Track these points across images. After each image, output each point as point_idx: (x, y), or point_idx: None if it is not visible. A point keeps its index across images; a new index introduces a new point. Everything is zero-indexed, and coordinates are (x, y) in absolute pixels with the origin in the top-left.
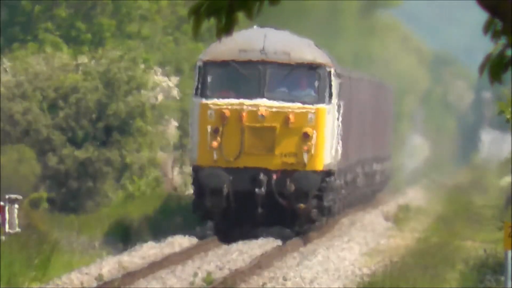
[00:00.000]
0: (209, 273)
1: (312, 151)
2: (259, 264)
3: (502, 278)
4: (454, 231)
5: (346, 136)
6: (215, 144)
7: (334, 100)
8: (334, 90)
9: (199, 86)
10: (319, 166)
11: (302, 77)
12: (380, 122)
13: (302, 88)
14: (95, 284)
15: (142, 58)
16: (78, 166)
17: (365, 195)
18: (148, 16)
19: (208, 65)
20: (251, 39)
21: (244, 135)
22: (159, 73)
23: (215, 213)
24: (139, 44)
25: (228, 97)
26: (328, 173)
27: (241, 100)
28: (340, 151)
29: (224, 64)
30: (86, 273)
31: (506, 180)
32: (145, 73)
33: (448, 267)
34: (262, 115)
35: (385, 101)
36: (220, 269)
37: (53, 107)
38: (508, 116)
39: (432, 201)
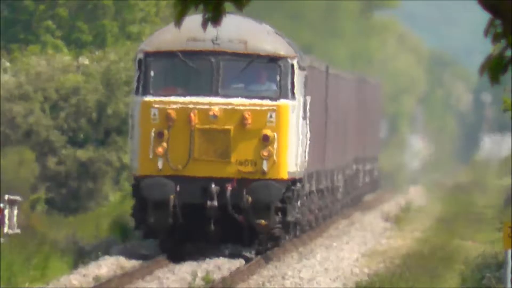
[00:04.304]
0: (208, 273)
1: (274, 157)
2: (258, 263)
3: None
4: (454, 231)
5: (320, 136)
6: (160, 150)
7: (299, 95)
8: (298, 84)
9: (140, 82)
10: (283, 174)
11: (261, 70)
12: (365, 121)
13: (261, 83)
14: (93, 284)
15: None
16: (78, 167)
17: (346, 201)
18: (148, 19)
19: (151, 56)
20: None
21: (193, 139)
22: None
23: (160, 230)
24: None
25: (174, 95)
26: (293, 181)
27: (190, 98)
28: (308, 155)
29: (169, 55)
30: (84, 274)
31: (506, 180)
32: None
33: (448, 267)
34: (214, 115)
35: (371, 98)
36: (219, 268)
37: (54, 108)
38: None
39: (432, 201)
